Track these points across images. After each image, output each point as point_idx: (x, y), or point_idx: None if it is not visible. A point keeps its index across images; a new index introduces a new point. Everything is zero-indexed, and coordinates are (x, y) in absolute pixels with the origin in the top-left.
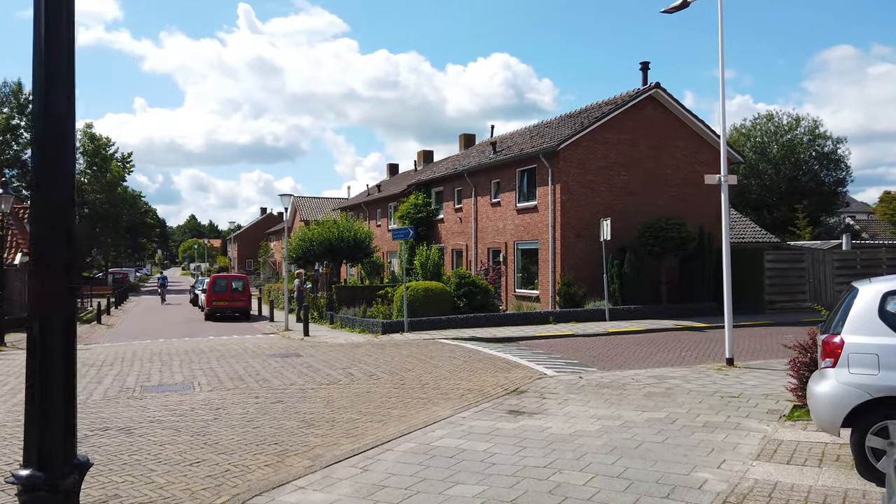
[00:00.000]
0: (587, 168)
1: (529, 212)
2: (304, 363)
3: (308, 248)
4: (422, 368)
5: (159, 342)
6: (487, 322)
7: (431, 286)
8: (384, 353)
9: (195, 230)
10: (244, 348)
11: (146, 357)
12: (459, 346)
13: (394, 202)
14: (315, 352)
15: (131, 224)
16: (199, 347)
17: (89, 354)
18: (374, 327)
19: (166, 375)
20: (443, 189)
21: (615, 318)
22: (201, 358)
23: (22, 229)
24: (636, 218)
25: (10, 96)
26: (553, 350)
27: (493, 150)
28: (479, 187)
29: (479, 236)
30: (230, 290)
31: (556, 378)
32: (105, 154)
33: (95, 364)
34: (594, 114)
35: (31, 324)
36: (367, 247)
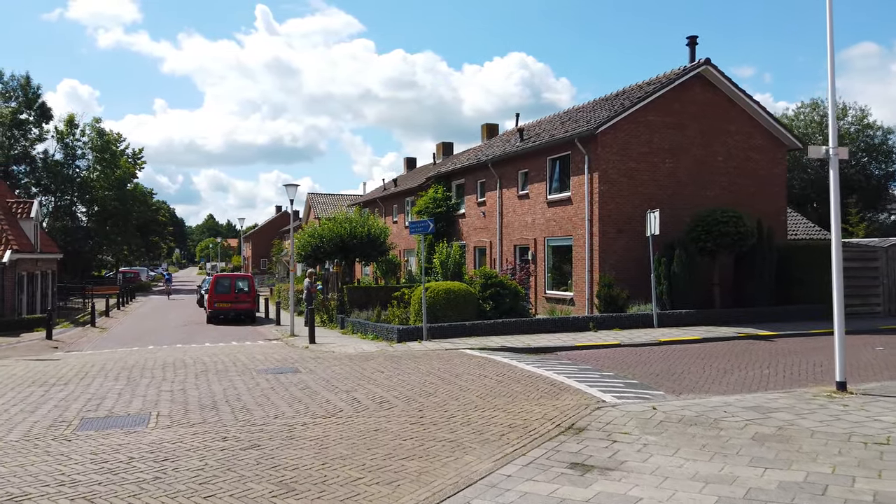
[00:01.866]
0: (628, 154)
1: (562, 204)
2: (301, 383)
3: (318, 244)
4: (446, 391)
5: (146, 350)
6: (518, 328)
7: (454, 287)
8: (399, 369)
9: (213, 230)
10: (235, 360)
11: (114, 371)
12: (489, 358)
13: (411, 197)
14: (317, 366)
15: (142, 222)
16: (183, 358)
17: (52, 367)
18: (388, 334)
19: (123, 400)
20: (464, 181)
21: (664, 324)
22: (178, 374)
23: (13, 224)
24: (683, 211)
25: (17, 90)
26: (602, 365)
27: (519, 137)
28: (505, 178)
29: (504, 232)
30: (234, 290)
31: (620, 408)
32: (115, 150)
33: (48, 382)
34: (635, 95)
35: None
36: (383, 244)
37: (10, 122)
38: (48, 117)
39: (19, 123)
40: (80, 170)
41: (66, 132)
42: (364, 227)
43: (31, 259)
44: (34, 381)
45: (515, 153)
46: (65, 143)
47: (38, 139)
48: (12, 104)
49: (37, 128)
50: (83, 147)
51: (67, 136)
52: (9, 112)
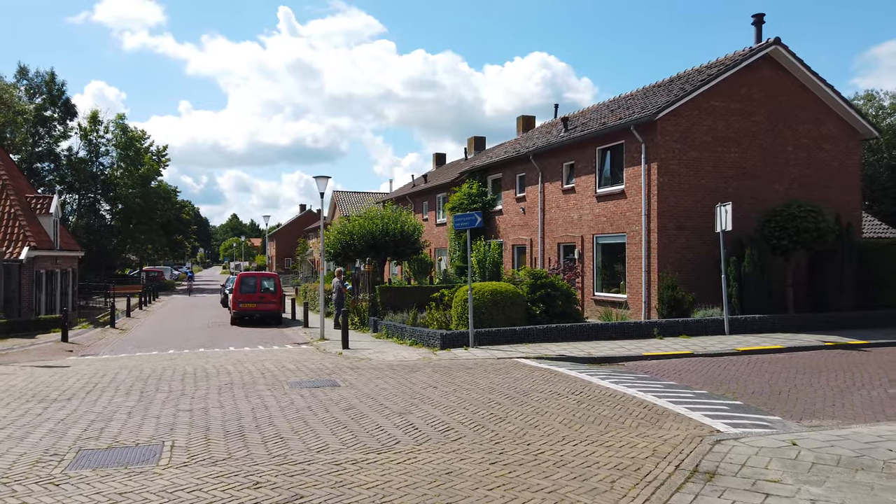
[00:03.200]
0: (690, 143)
1: (614, 198)
2: (342, 401)
3: (348, 242)
4: (520, 416)
5: (165, 356)
6: (574, 335)
7: (500, 288)
8: (452, 383)
9: (237, 229)
10: (263, 369)
11: (127, 383)
12: (553, 371)
13: (443, 193)
14: (357, 378)
15: (166, 220)
16: (205, 366)
17: (58, 377)
18: (429, 339)
19: (133, 423)
20: (501, 176)
21: (735, 330)
22: (199, 387)
23: (32, 221)
24: (749, 205)
25: (42, 86)
26: (686, 379)
27: (563, 127)
28: (548, 171)
29: (546, 229)
30: (259, 290)
31: (746, 442)
32: (138, 147)
33: (49, 396)
34: (695, 78)
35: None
36: (416, 241)
37: (34, 119)
38: (72, 114)
39: (44, 120)
40: (104, 167)
41: (90, 129)
42: (397, 223)
43: (49, 256)
44: (34, 394)
45: (560, 144)
46: (89, 140)
47: (62, 136)
48: (37, 101)
49: (61, 125)
50: (107, 144)
51: (91, 133)
52: (33, 109)
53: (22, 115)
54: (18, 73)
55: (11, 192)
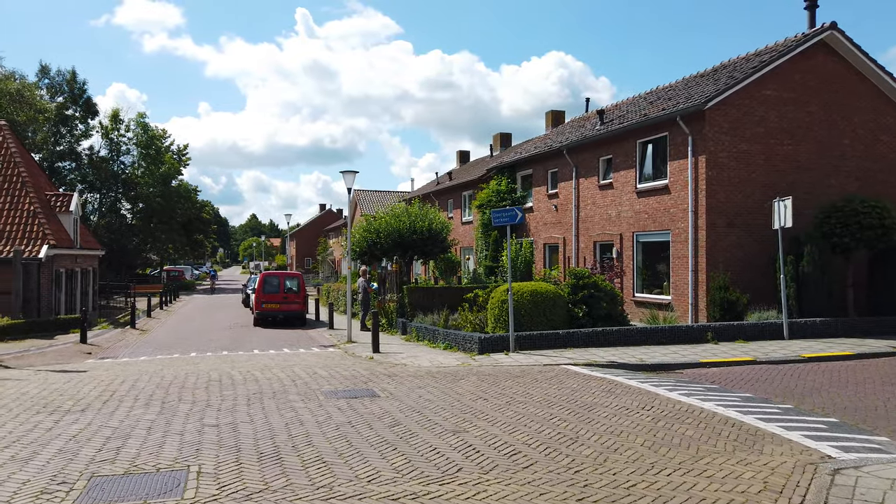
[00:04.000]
0: (740, 135)
1: (656, 194)
2: (385, 414)
3: (374, 240)
4: (592, 436)
5: (187, 359)
6: (620, 339)
7: (540, 289)
8: (503, 394)
9: (256, 229)
10: (294, 376)
11: (147, 391)
12: (610, 380)
13: (469, 190)
14: (396, 387)
15: (186, 219)
16: (230, 372)
17: (73, 384)
18: (465, 343)
19: (153, 442)
20: (532, 172)
21: (795, 334)
22: (225, 396)
23: (51, 219)
24: (803, 201)
25: (63, 85)
26: (762, 391)
27: (599, 120)
28: (583, 166)
29: (581, 227)
30: (283, 290)
31: (872, 472)
32: (159, 146)
33: (62, 406)
34: (745, 66)
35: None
36: (444, 240)
37: (55, 118)
38: (94, 113)
39: (65, 119)
40: (125, 166)
41: (112, 127)
42: (425, 220)
43: (69, 255)
44: (46, 404)
45: (597, 137)
46: (110, 139)
47: (83, 135)
48: (58, 99)
49: (82, 123)
50: (128, 143)
51: (112, 132)
52: (54, 107)
53: (43, 114)
54: (40, 71)
55: (31, 189)
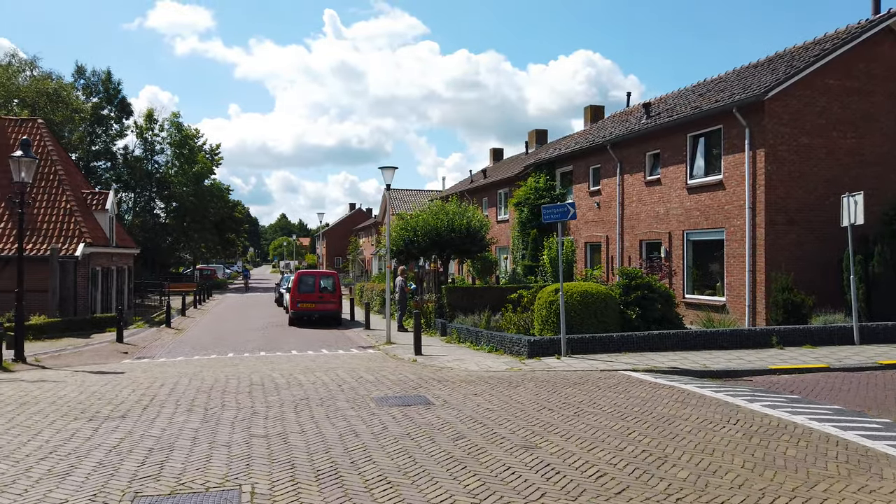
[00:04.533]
0: (801, 127)
1: (709, 190)
2: (444, 425)
3: (411, 238)
4: (682, 455)
5: (225, 360)
6: (679, 343)
7: (591, 290)
8: (567, 403)
9: (285, 229)
10: (339, 381)
11: (188, 395)
12: (680, 389)
13: (505, 188)
14: (450, 393)
15: (218, 218)
16: (271, 374)
17: (111, 386)
18: (512, 346)
19: (199, 454)
20: (572, 169)
21: (866, 339)
22: (270, 402)
23: (88, 217)
24: (870, 197)
25: (98, 85)
26: (852, 402)
27: (645, 113)
28: (627, 162)
29: (625, 225)
30: (318, 289)
31: None
32: (192, 145)
33: (101, 412)
34: (802, 56)
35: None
36: (483, 238)
37: (91, 118)
38: (128, 113)
39: (100, 119)
40: (159, 165)
41: (146, 127)
42: (463, 218)
43: (105, 253)
44: (84, 410)
45: (643, 132)
46: (144, 139)
47: (118, 135)
48: (94, 99)
49: (117, 123)
50: (162, 142)
51: (147, 131)
52: (90, 107)
53: (79, 114)
54: (76, 72)
55: (68, 187)
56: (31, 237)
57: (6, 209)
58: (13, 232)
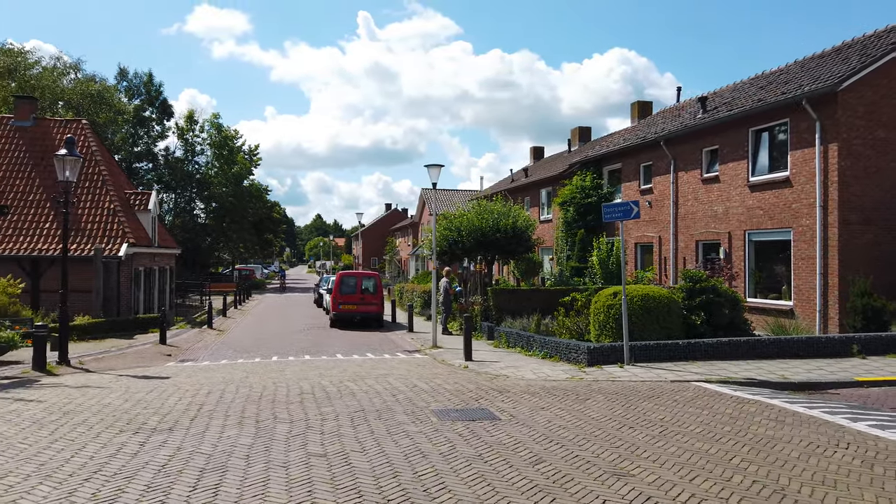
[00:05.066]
0: (877, 120)
1: (774, 187)
2: (517, 445)
3: (455, 239)
4: (801, 486)
5: (270, 364)
6: (750, 351)
7: (653, 293)
8: (647, 420)
9: (321, 229)
10: (392, 389)
11: (237, 405)
12: (765, 403)
13: (548, 187)
14: (514, 406)
15: (257, 219)
16: (321, 382)
17: (156, 393)
18: (568, 353)
19: (255, 476)
20: (620, 166)
21: None
22: (325, 414)
23: (131, 217)
24: None
25: (140, 87)
26: None
27: (701, 107)
28: (682, 159)
29: (680, 225)
30: (360, 290)
31: None
32: (232, 146)
33: (147, 423)
34: (877, 45)
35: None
36: (529, 239)
37: (133, 119)
38: (169, 114)
39: (142, 121)
40: (200, 166)
41: (187, 128)
42: (509, 218)
43: (148, 253)
44: (129, 420)
45: (700, 126)
46: (185, 140)
47: (159, 136)
48: (136, 101)
49: (158, 125)
50: (202, 143)
51: (188, 133)
52: (132, 109)
53: (122, 115)
54: (118, 74)
55: (111, 187)
56: (75, 237)
57: (51, 209)
58: (58, 232)
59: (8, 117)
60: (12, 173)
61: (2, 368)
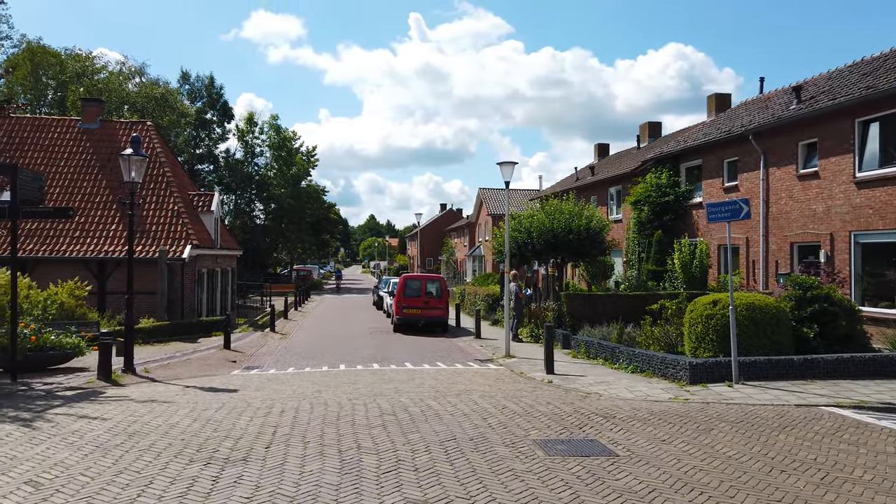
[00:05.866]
0: None
1: (887, 184)
2: (651, 493)
3: (524, 240)
4: None
5: (339, 373)
6: (877, 369)
7: (759, 302)
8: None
9: (374, 230)
10: (481, 410)
11: (315, 428)
12: None
13: (617, 185)
14: (627, 436)
15: (315, 219)
16: (401, 401)
17: (226, 411)
18: (664, 368)
19: None
20: (700, 162)
21: None
22: (413, 443)
23: (194, 218)
24: None
25: (202, 90)
26: None
27: (795, 97)
28: (774, 153)
29: (771, 225)
30: (424, 293)
31: None
32: (290, 147)
33: (219, 451)
34: None
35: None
36: (603, 241)
37: (195, 122)
38: (230, 117)
39: (204, 123)
40: (259, 168)
41: (247, 130)
42: (581, 218)
43: (210, 255)
44: (199, 446)
45: (796, 118)
46: (245, 142)
47: (220, 138)
48: (198, 104)
49: (219, 127)
50: (261, 145)
51: (247, 135)
52: (195, 111)
53: (185, 118)
54: (181, 78)
55: (175, 189)
56: (140, 239)
57: (117, 211)
58: (123, 234)
59: (75, 120)
60: (79, 175)
61: (68, 377)
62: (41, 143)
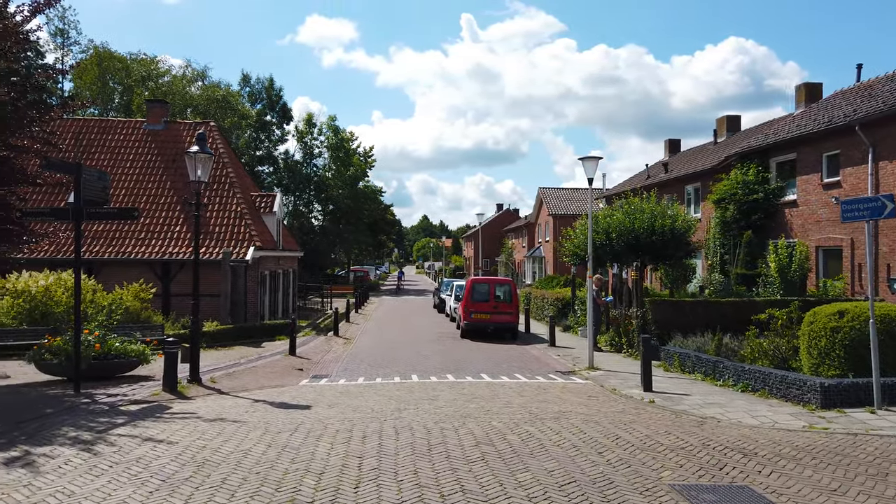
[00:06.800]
0: None
1: None
2: None
3: (602, 242)
4: None
5: (413, 386)
6: None
7: (893, 314)
8: None
9: (427, 230)
10: (590, 440)
11: (406, 463)
12: None
13: (695, 182)
14: (784, 483)
15: (372, 220)
16: (494, 425)
17: (301, 435)
18: (784, 387)
19: None
20: (794, 157)
21: None
22: (526, 487)
23: (257, 220)
24: None
25: (262, 92)
26: None
27: None
28: (885, 146)
29: (882, 225)
30: (493, 298)
31: None
32: (348, 148)
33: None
34: None
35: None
36: (689, 243)
37: (256, 123)
38: (289, 118)
39: (264, 125)
40: (317, 169)
41: (306, 131)
42: (665, 218)
43: (273, 257)
44: (278, 483)
45: None
46: (304, 143)
47: (279, 140)
48: (258, 106)
49: (278, 129)
50: (320, 146)
51: (306, 136)
52: (255, 113)
53: (246, 119)
54: (241, 80)
55: (238, 190)
56: (203, 240)
57: (181, 212)
58: (188, 235)
59: (141, 121)
60: (144, 176)
61: (132, 387)
62: (108, 144)
